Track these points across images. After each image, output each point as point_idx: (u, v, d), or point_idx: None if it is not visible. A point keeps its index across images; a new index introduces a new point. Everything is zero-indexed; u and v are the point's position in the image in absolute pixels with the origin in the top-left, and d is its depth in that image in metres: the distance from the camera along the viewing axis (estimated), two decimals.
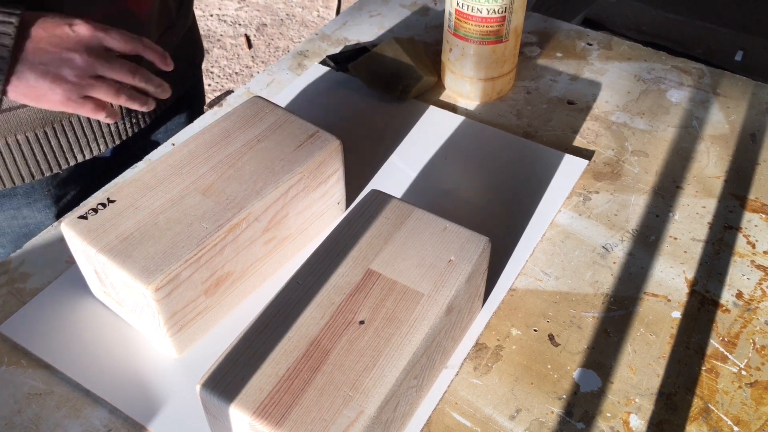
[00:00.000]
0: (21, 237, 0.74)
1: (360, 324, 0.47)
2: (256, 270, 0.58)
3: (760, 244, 0.63)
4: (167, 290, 0.50)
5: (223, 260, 0.53)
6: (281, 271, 0.61)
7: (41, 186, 0.72)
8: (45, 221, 0.74)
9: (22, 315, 0.57)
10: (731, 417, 0.51)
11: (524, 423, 0.51)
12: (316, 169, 0.59)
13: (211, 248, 0.52)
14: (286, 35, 2.45)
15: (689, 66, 0.83)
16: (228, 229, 0.53)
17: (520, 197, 0.67)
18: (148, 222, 0.53)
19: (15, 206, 0.72)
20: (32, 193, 0.72)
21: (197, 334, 0.55)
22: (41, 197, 0.73)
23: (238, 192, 0.55)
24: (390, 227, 0.53)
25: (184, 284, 0.51)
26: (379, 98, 0.79)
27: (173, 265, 0.50)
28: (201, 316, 0.54)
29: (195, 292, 0.52)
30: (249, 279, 0.58)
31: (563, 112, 0.77)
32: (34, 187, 0.72)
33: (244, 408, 0.42)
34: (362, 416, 0.42)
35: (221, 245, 0.53)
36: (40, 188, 0.72)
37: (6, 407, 0.51)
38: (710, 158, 0.72)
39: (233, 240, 0.53)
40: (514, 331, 0.57)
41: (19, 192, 0.71)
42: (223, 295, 0.56)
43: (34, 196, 0.72)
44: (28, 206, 0.73)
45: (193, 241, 0.51)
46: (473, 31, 0.73)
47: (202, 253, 0.51)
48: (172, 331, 0.52)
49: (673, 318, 0.58)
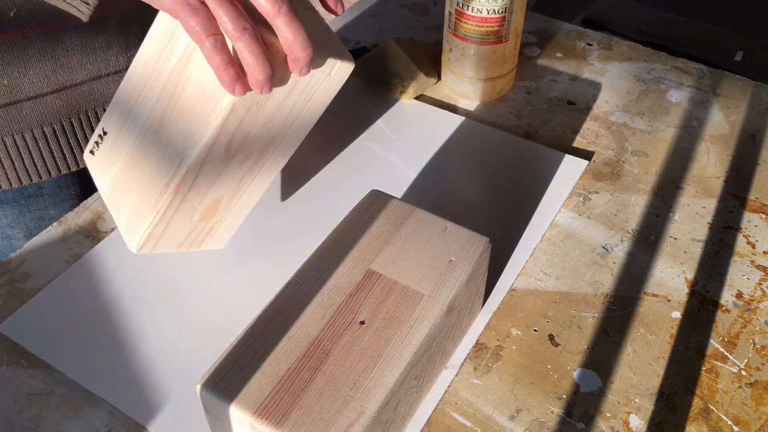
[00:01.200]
0: None
1: (360, 324, 0.47)
2: (255, 178, 0.54)
3: (760, 244, 0.63)
4: (152, 243, 0.51)
5: (200, 194, 0.51)
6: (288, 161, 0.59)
7: (67, 185, 0.72)
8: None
9: (22, 315, 0.57)
10: (731, 417, 0.51)
11: (524, 423, 0.51)
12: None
13: (176, 195, 0.51)
14: None
15: (689, 66, 0.83)
16: (179, 182, 0.50)
17: (520, 197, 0.67)
18: (129, 162, 0.53)
19: (42, 206, 0.72)
20: (58, 193, 0.72)
21: (226, 231, 0.57)
22: (67, 197, 0.73)
23: (179, 135, 0.50)
24: (390, 227, 0.53)
25: (168, 230, 0.52)
26: (378, 98, 0.79)
27: (146, 222, 0.51)
28: (218, 225, 0.56)
29: (189, 224, 0.53)
30: (251, 186, 0.55)
31: (563, 113, 0.77)
32: (60, 187, 0.72)
33: (244, 408, 0.42)
34: (362, 416, 0.42)
35: (186, 186, 0.50)
36: (66, 187, 0.72)
37: (6, 407, 0.51)
38: (710, 158, 0.72)
39: (195, 180, 0.50)
40: (514, 331, 0.57)
41: (46, 192, 0.71)
42: (228, 207, 0.56)
43: (60, 196, 0.73)
44: (55, 206, 0.73)
45: (156, 191, 0.51)
46: (473, 31, 0.73)
47: (167, 204, 0.51)
48: (194, 246, 0.54)
49: (673, 318, 0.58)
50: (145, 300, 0.58)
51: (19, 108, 0.63)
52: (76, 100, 0.66)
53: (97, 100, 0.68)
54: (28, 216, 0.72)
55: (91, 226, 0.65)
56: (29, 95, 0.63)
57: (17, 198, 0.70)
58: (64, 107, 0.65)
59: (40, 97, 0.63)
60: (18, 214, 0.71)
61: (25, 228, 0.73)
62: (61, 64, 0.63)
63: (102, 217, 0.65)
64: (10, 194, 0.69)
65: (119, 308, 0.58)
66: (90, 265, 0.61)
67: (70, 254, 0.62)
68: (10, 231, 0.73)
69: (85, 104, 0.67)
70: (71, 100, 0.65)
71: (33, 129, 0.65)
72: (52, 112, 0.65)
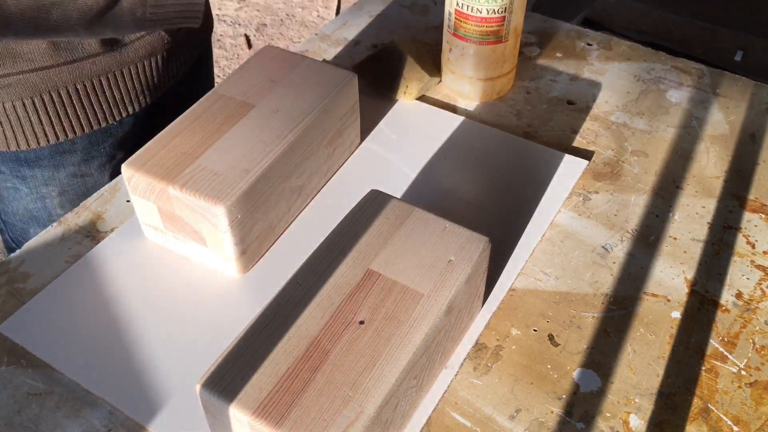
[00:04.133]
0: (80, 196, 0.77)
1: (360, 324, 0.47)
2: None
3: (760, 244, 0.63)
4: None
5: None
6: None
7: (98, 142, 0.75)
8: (101, 181, 0.78)
9: (22, 315, 0.57)
10: (731, 417, 0.51)
11: (524, 423, 0.51)
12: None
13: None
14: (285, 35, 2.46)
15: (689, 66, 0.83)
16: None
17: (520, 197, 0.67)
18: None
19: (75, 162, 0.75)
20: (90, 149, 0.75)
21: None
22: (98, 154, 0.76)
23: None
24: (390, 227, 0.53)
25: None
26: (378, 98, 0.79)
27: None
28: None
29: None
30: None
31: (563, 112, 0.77)
32: (91, 143, 0.75)
33: (243, 408, 0.42)
34: (362, 416, 0.42)
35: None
36: (97, 144, 0.75)
37: (6, 407, 0.52)
38: (710, 158, 0.72)
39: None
40: (513, 331, 0.57)
41: (79, 148, 0.74)
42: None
43: (92, 153, 0.76)
44: (86, 163, 0.76)
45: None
46: (473, 31, 0.73)
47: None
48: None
49: (672, 318, 0.58)
50: (145, 300, 0.58)
51: (59, 68, 0.68)
52: (114, 59, 0.71)
53: (132, 59, 0.72)
54: (62, 172, 0.75)
55: (91, 226, 0.65)
56: (79, 57, 0.68)
57: (53, 153, 0.73)
58: (101, 65, 0.70)
59: (79, 61, 0.69)
60: (53, 170, 0.75)
61: (59, 185, 0.76)
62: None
63: (102, 217, 0.65)
64: (46, 149, 0.73)
65: (119, 308, 0.58)
66: (90, 265, 0.61)
67: (70, 254, 0.62)
68: (45, 189, 0.76)
69: (120, 63, 0.71)
70: (108, 59, 0.70)
71: (67, 86, 0.69)
72: (89, 70, 0.69)
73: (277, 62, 0.68)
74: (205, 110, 0.62)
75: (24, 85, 0.67)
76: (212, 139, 0.59)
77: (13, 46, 0.64)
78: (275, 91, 0.64)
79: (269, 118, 0.61)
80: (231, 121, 0.61)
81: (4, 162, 0.74)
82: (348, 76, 0.67)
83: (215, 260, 0.60)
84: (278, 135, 0.60)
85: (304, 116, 0.62)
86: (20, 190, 0.77)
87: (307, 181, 0.65)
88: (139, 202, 0.59)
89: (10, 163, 0.74)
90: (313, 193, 0.67)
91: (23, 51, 0.65)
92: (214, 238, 0.57)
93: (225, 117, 0.62)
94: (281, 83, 0.65)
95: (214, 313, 0.58)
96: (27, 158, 0.73)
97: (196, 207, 0.56)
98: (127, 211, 0.66)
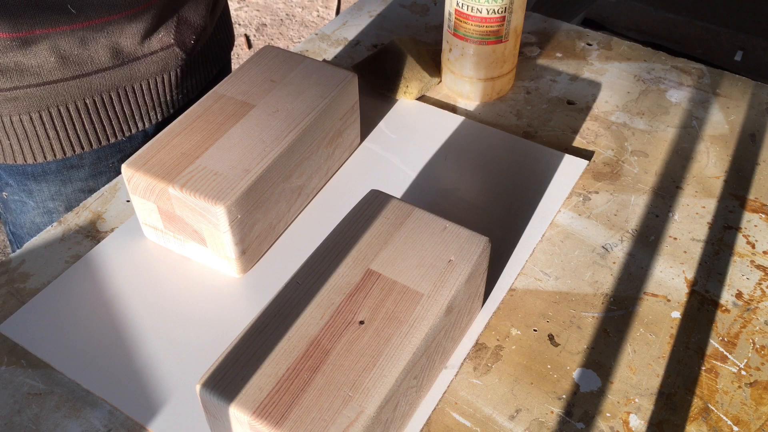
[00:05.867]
0: None
1: (360, 324, 0.47)
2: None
3: (760, 244, 0.63)
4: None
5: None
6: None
7: (107, 158, 0.75)
8: None
9: (21, 315, 0.57)
10: (731, 417, 0.51)
11: (524, 423, 0.51)
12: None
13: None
14: (285, 35, 2.46)
15: (689, 66, 0.83)
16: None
17: (520, 197, 0.67)
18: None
19: (83, 177, 0.75)
20: (98, 165, 0.75)
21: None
22: (106, 169, 0.75)
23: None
24: (390, 227, 0.53)
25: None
26: (378, 98, 0.79)
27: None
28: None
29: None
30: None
31: (563, 112, 0.77)
32: (100, 158, 0.74)
33: (243, 408, 0.42)
34: (362, 416, 0.42)
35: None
36: (106, 160, 0.75)
37: (6, 407, 0.52)
38: (710, 158, 0.72)
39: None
40: (513, 331, 0.57)
41: (87, 163, 0.74)
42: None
43: (100, 168, 0.75)
44: (94, 178, 0.75)
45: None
46: (473, 31, 0.73)
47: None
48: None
49: (672, 318, 0.58)
50: (145, 300, 0.58)
51: (66, 82, 0.67)
52: (124, 74, 0.70)
53: (143, 74, 0.72)
54: (70, 187, 0.75)
55: (91, 226, 0.65)
56: (87, 71, 0.68)
57: (60, 168, 0.73)
58: (111, 80, 0.69)
59: (87, 76, 0.68)
60: (60, 185, 0.74)
61: (66, 200, 0.76)
62: (117, 43, 0.68)
63: (102, 217, 0.65)
64: (54, 164, 0.72)
65: (119, 308, 0.58)
66: (90, 265, 0.61)
67: (70, 254, 0.62)
68: (52, 204, 0.76)
69: (131, 78, 0.71)
70: (118, 74, 0.70)
71: (76, 100, 0.68)
72: (98, 84, 0.69)
73: (277, 62, 0.68)
74: (205, 110, 0.62)
75: (31, 99, 0.66)
76: (212, 139, 0.59)
77: (21, 59, 0.64)
78: (275, 91, 0.64)
79: (269, 118, 0.61)
80: (231, 121, 0.61)
81: (11, 175, 0.74)
82: (348, 76, 0.67)
83: (215, 260, 0.60)
84: (278, 135, 0.60)
85: (304, 116, 0.62)
86: (27, 204, 0.76)
87: (307, 181, 0.65)
88: (138, 202, 0.59)
89: (17, 176, 0.73)
90: (313, 193, 0.67)
91: (31, 64, 0.64)
92: (214, 238, 0.57)
93: (225, 117, 0.62)
94: (281, 83, 0.65)
95: (214, 313, 0.58)
96: (34, 172, 0.73)
97: (196, 207, 0.56)
98: (127, 211, 0.66)
